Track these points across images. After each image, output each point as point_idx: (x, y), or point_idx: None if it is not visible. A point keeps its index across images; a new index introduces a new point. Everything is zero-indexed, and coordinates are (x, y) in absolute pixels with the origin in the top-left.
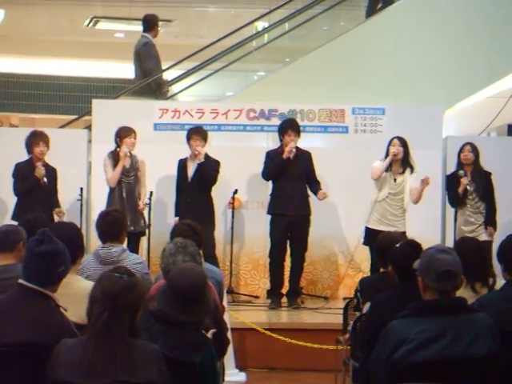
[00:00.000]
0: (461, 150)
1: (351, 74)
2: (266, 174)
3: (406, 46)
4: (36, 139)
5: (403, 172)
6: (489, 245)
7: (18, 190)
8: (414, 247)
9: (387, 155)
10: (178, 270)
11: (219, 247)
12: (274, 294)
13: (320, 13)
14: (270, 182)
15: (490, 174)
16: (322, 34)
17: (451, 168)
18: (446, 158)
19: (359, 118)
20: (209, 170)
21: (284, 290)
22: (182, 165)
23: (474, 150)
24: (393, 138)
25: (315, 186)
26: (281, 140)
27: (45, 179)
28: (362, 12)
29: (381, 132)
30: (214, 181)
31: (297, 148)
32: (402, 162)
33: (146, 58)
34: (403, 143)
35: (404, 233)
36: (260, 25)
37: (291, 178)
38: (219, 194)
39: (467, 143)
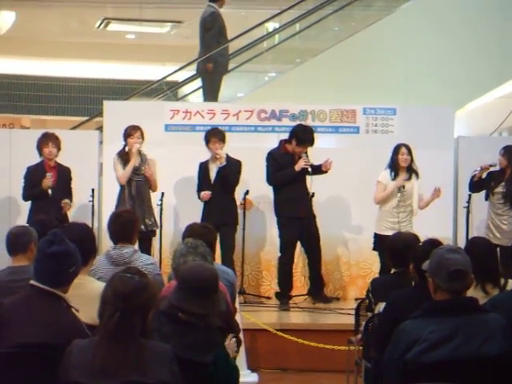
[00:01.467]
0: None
1: (362, 74)
2: (276, 181)
3: (417, 47)
4: (45, 140)
5: (410, 178)
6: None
7: (24, 195)
8: (436, 245)
9: (392, 162)
10: (189, 265)
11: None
12: (282, 295)
13: (331, 13)
14: None
15: None
16: (333, 34)
17: (463, 168)
18: (457, 158)
19: (370, 119)
20: (230, 172)
21: (292, 292)
22: (204, 167)
23: (507, 153)
24: (400, 146)
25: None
26: (288, 141)
27: (49, 191)
28: (373, 13)
29: (392, 132)
30: (236, 183)
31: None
32: (408, 168)
33: (208, 29)
34: (409, 150)
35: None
36: (271, 26)
37: (299, 180)
38: None
39: (504, 148)
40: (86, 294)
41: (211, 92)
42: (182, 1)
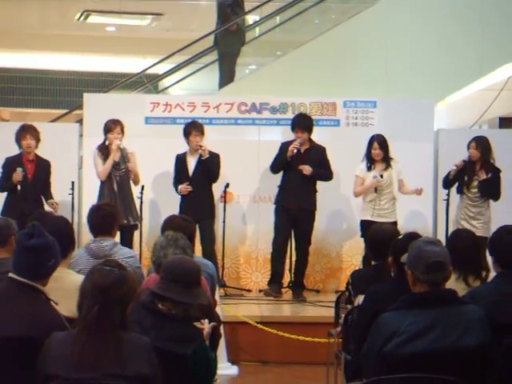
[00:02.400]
0: (468, 146)
1: (343, 67)
2: (271, 167)
3: (397, 39)
4: (23, 132)
5: (387, 167)
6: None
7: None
8: (415, 239)
9: (368, 154)
10: (171, 259)
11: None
12: (273, 281)
13: (311, 6)
14: (269, 175)
15: (499, 170)
16: (314, 27)
17: (442, 161)
18: (437, 150)
19: (351, 111)
20: (213, 165)
21: (284, 282)
22: (181, 160)
23: (480, 145)
24: (372, 141)
25: (321, 171)
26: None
27: (19, 187)
28: (353, 5)
29: (372, 125)
30: (217, 176)
31: (310, 142)
32: (383, 159)
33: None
34: (382, 142)
35: (395, 223)
36: (251, 18)
37: (299, 172)
38: None
39: (473, 139)
40: (65, 287)
41: (228, 68)
42: None
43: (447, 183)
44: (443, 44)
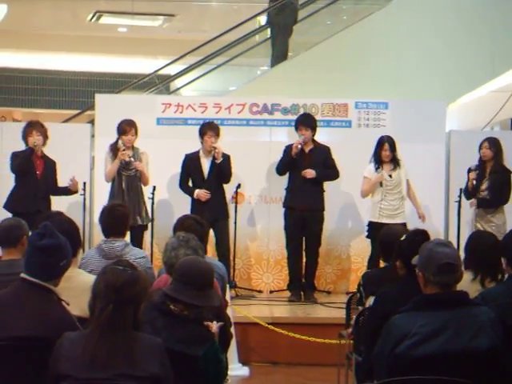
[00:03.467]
0: (480, 146)
1: (354, 68)
2: (277, 169)
3: (409, 40)
4: (30, 129)
5: (395, 168)
6: None
7: (13, 166)
8: (421, 236)
9: (375, 155)
10: (184, 260)
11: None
12: (293, 287)
13: (323, 7)
14: (284, 176)
15: (509, 172)
16: (326, 28)
17: (454, 162)
18: (449, 152)
19: (362, 113)
20: (226, 169)
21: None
22: (195, 160)
23: (493, 146)
24: (383, 142)
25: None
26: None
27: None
28: (365, 6)
29: (384, 126)
30: (230, 178)
31: (314, 142)
32: (392, 160)
33: None
34: (392, 144)
35: (405, 224)
36: (263, 19)
37: (300, 171)
38: None
39: (486, 139)
40: (75, 287)
41: (281, 46)
42: None
43: (469, 194)
44: (455, 45)
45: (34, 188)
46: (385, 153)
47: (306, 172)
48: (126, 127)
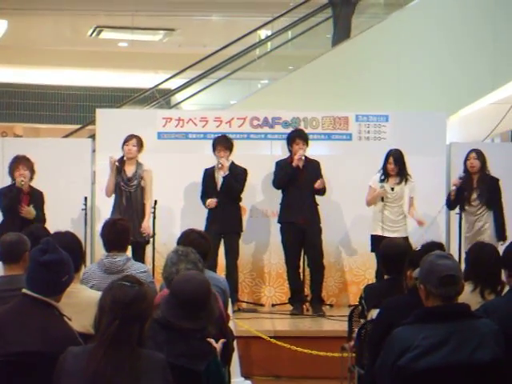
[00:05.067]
0: (466, 158)
1: (354, 81)
2: (277, 183)
3: (409, 53)
4: (15, 164)
5: (400, 182)
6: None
7: (1, 206)
8: (437, 247)
9: (384, 167)
10: (180, 277)
11: (222, 255)
12: (294, 300)
13: (323, 21)
14: (280, 191)
15: (497, 180)
16: (325, 41)
17: (455, 174)
18: (449, 164)
19: (363, 125)
20: (233, 182)
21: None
22: (210, 175)
23: (480, 156)
24: (389, 155)
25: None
26: (290, 150)
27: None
28: (365, 20)
29: (384, 139)
30: (239, 191)
31: (305, 157)
32: (398, 174)
33: None
34: (398, 158)
35: (406, 238)
36: (263, 33)
37: (300, 187)
38: None
39: (472, 150)
40: (78, 303)
41: (344, 25)
42: (174, 9)
43: (450, 204)
44: (455, 57)
45: (19, 225)
46: (390, 166)
47: (320, 183)
48: (127, 137)
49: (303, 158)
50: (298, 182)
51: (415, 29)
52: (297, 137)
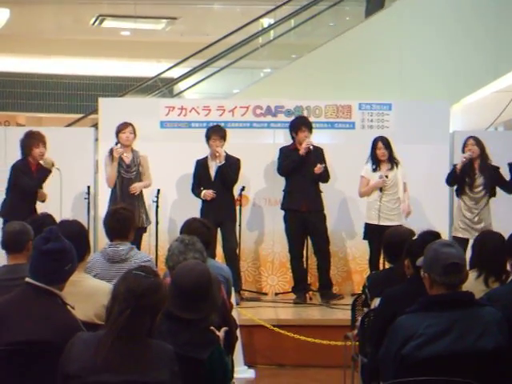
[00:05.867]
0: (464, 145)
1: (357, 69)
2: (282, 170)
3: (412, 41)
4: (35, 141)
5: (392, 168)
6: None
7: (30, 185)
8: (433, 236)
9: (372, 156)
10: (181, 267)
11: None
12: (298, 289)
13: (325, 9)
14: (283, 178)
15: (498, 168)
16: (328, 30)
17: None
18: (453, 152)
19: (366, 114)
20: (229, 171)
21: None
22: (203, 165)
23: (478, 143)
24: (376, 141)
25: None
26: (293, 137)
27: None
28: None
29: (387, 128)
30: (235, 181)
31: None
32: (389, 160)
33: None
34: (386, 144)
35: (401, 226)
36: (266, 21)
37: (304, 174)
38: None
39: (470, 137)
40: (81, 292)
41: None
42: None
43: (453, 179)
44: (458, 45)
45: (32, 197)
46: (379, 151)
47: (319, 168)
48: (122, 126)
49: (311, 147)
50: (302, 169)
51: (418, 17)
52: (302, 124)
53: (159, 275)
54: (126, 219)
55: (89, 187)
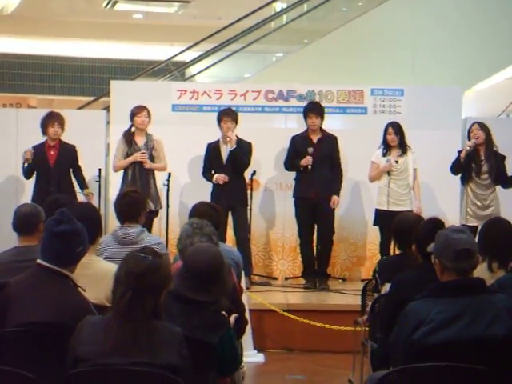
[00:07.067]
0: (469, 130)
1: (370, 54)
2: (286, 168)
3: (425, 27)
4: (51, 119)
5: (402, 154)
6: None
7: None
8: (437, 224)
9: (384, 141)
10: (194, 249)
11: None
12: (307, 274)
13: None
14: None
15: (504, 157)
16: (341, 15)
17: None
18: (465, 139)
19: (378, 99)
20: (241, 155)
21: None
22: (214, 148)
23: (483, 128)
24: (387, 126)
25: (335, 181)
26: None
27: (25, 164)
28: None
29: (399, 113)
30: (247, 165)
31: (322, 131)
32: (400, 146)
33: None
34: (397, 130)
35: (411, 211)
36: (278, 6)
37: (315, 162)
38: None
39: (475, 122)
40: (93, 274)
41: None
42: None
43: (459, 167)
44: (472, 32)
45: (47, 179)
46: (390, 136)
47: (334, 201)
48: (137, 109)
49: (310, 162)
50: (313, 157)
51: (431, 2)
52: (309, 110)
53: (161, 256)
54: (136, 202)
55: (100, 170)
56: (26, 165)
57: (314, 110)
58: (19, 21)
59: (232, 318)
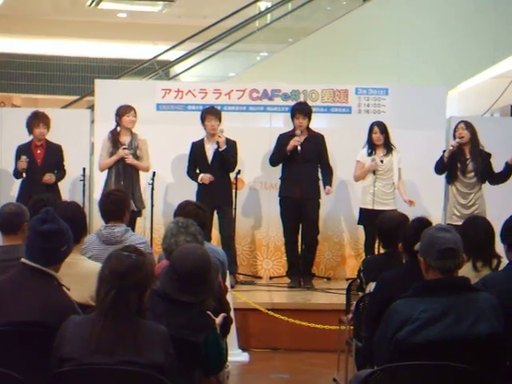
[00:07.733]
0: (455, 129)
1: (354, 54)
2: (271, 162)
3: (410, 26)
4: (36, 121)
5: (387, 153)
6: None
7: (13, 173)
8: (425, 223)
9: (369, 140)
10: (181, 250)
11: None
12: (292, 273)
13: None
14: (280, 164)
15: (489, 155)
16: (325, 14)
17: None
18: (449, 138)
19: (362, 99)
20: (229, 156)
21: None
22: (199, 147)
23: (469, 127)
24: (373, 125)
25: (326, 175)
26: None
27: (24, 174)
28: None
29: (384, 112)
30: (235, 165)
31: (309, 130)
32: (384, 145)
33: None
34: (382, 129)
35: (395, 210)
36: (263, 5)
37: (299, 161)
38: None
39: (461, 121)
40: (77, 273)
41: None
42: None
43: (442, 167)
44: (456, 31)
45: (33, 178)
46: (375, 135)
47: (329, 191)
48: (125, 109)
49: (299, 148)
50: (298, 156)
51: (415, 2)
52: (296, 111)
53: (144, 254)
54: (120, 201)
55: (84, 169)
56: (24, 175)
57: (301, 110)
58: (3, 19)
59: (220, 318)
